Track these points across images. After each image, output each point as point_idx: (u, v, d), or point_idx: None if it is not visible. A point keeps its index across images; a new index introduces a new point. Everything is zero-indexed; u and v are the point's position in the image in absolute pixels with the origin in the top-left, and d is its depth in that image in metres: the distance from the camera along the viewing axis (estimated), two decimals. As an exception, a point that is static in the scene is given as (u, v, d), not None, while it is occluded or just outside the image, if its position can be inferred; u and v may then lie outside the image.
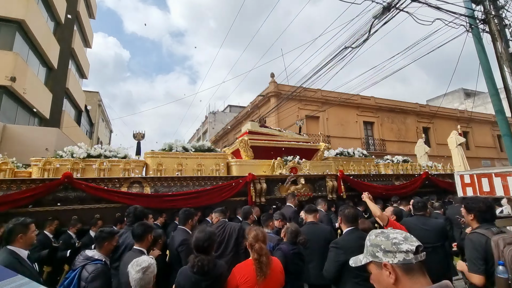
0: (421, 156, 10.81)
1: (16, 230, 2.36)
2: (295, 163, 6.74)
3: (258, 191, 5.97)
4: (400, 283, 1.00)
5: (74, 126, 15.29)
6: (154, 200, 5.15)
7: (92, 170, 5.23)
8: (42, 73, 12.38)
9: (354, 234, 2.59)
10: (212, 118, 29.88)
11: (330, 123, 17.12)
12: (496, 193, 2.62)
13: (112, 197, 4.92)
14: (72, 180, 4.69)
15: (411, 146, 19.20)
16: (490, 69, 8.02)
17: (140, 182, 5.34)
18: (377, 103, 18.99)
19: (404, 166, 8.82)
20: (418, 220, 3.37)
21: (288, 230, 2.98)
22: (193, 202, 5.22)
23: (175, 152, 6.05)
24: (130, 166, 5.50)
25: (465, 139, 9.99)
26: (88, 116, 21.34)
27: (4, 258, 2.18)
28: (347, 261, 2.15)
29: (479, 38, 8.33)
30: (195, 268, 2.13)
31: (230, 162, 6.59)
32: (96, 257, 2.47)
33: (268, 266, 2.18)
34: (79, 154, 5.25)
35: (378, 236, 1.11)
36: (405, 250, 1.01)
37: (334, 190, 6.79)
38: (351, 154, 8.32)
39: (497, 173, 2.67)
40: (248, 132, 7.42)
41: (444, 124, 21.03)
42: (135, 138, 8.56)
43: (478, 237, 2.08)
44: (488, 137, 22.87)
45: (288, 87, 15.79)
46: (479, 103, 26.25)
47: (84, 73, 19.13)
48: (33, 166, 4.94)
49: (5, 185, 4.43)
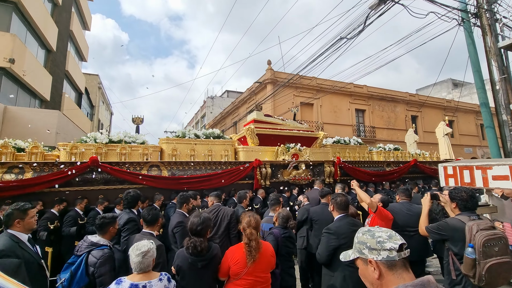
0: (411, 144, 11.45)
1: (14, 215, 2.36)
2: (297, 150, 7.28)
3: (263, 175, 6.54)
4: (383, 278, 1.07)
5: (75, 109, 15.13)
6: (172, 182, 5.58)
7: (114, 154, 5.60)
8: (41, 55, 12.06)
9: (345, 221, 2.74)
10: (210, 103, 29.76)
11: (324, 110, 17.53)
12: (476, 185, 3.04)
13: (134, 179, 5.31)
14: (98, 163, 5.04)
15: (400, 133, 20.01)
16: (478, 62, 8.52)
17: (158, 165, 5.74)
18: (369, 92, 19.45)
19: (395, 154, 9.50)
20: (403, 205, 3.76)
21: (279, 215, 3.14)
22: (205, 185, 5.76)
23: (188, 138, 6.46)
24: (148, 151, 5.88)
25: (451, 129, 10.65)
26: (89, 98, 20.99)
27: (5, 242, 2.22)
28: (339, 246, 2.55)
29: (470, 32, 8.76)
30: (189, 249, 2.26)
31: (238, 148, 7.07)
32: (101, 242, 2.52)
33: (257, 250, 2.31)
34: (102, 140, 5.57)
35: (364, 234, 1.18)
36: (388, 248, 1.08)
37: (331, 175, 7.44)
38: (347, 142, 8.91)
39: (478, 166, 3.11)
40: (254, 120, 7.84)
41: (431, 112, 21.82)
42: (134, 123, 8.79)
43: (453, 220, 2.39)
44: (472, 126, 23.91)
45: (284, 74, 15.96)
46: (465, 93, 27.15)
47: (83, 55, 18.70)
48: (61, 150, 5.25)
49: (38, 167, 4.80)
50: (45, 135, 8.91)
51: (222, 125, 24.71)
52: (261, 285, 2.33)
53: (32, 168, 4.76)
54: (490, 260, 2.07)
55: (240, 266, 2.31)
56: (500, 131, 7.35)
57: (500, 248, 2.13)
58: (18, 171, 4.67)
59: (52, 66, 12.85)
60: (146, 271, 2.01)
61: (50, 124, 9.56)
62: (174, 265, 2.33)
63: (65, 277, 2.32)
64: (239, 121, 20.65)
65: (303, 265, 4.18)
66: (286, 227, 3.09)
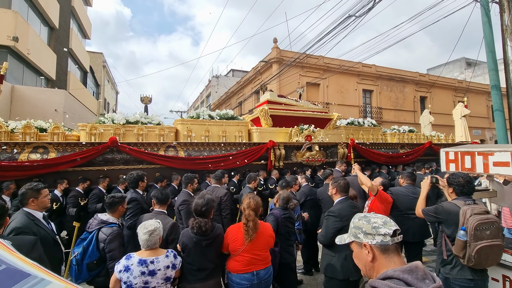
0: (425, 125, 11.26)
1: (28, 194, 2.47)
2: (310, 131, 7.29)
3: (277, 156, 6.61)
4: (376, 260, 1.13)
5: (81, 89, 15.18)
6: (188, 162, 5.74)
7: (131, 135, 5.75)
8: (44, 33, 11.96)
9: (346, 203, 2.82)
10: (215, 82, 29.42)
11: (330, 91, 17.24)
12: (477, 170, 3.05)
13: (152, 159, 5.49)
14: (117, 144, 5.21)
15: (407, 114, 19.69)
16: (493, 43, 8.16)
17: (175, 146, 5.87)
18: (378, 71, 18.93)
19: (410, 136, 9.37)
20: (407, 189, 3.89)
21: (280, 196, 3.24)
22: (220, 165, 5.85)
23: (202, 119, 6.51)
24: (164, 132, 6.01)
25: (470, 111, 10.39)
26: (94, 77, 20.94)
27: (21, 219, 2.34)
28: (342, 228, 2.63)
29: (487, 9, 8.32)
30: (194, 229, 2.37)
31: (251, 130, 7.12)
32: (110, 220, 2.65)
33: (254, 231, 2.42)
34: (119, 121, 5.71)
35: (361, 220, 1.24)
36: (383, 233, 1.13)
37: (345, 157, 7.46)
38: (361, 123, 8.83)
39: (479, 152, 3.10)
40: (268, 101, 7.82)
41: (441, 93, 21.26)
42: (142, 102, 8.83)
43: (449, 205, 2.48)
44: (482, 107, 23.31)
45: (290, 53, 15.56)
46: (479, 72, 26.17)
47: (86, 33, 18.49)
48: (80, 131, 5.46)
49: (61, 147, 5.02)
50: (53, 115, 9.06)
51: (227, 105, 24.60)
52: (259, 262, 2.47)
53: (56, 148, 4.96)
54: (480, 242, 2.15)
55: (237, 244, 2.45)
56: (510, 114, 7.20)
57: (492, 232, 2.20)
58: (43, 151, 4.87)
59: (56, 44, 12.77)
60: (153, 248, 2.15)
61: (57, 103, 9.68)
62: (179, 242, 2.46)
63: (78, 251, 2.50)
64: (244, 101, 20.51)
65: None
66: (286, 208, 3.19)
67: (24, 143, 4.78)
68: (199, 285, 2.36)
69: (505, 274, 2.57)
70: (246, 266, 2.43)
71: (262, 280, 2.46)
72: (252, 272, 2.43)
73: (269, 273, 2.54)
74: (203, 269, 2.40)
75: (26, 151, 4.75)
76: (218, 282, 2.56)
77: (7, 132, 4.79)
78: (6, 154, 4.63)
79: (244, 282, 2.41)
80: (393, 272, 1.00)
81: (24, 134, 4.90)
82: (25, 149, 4.76)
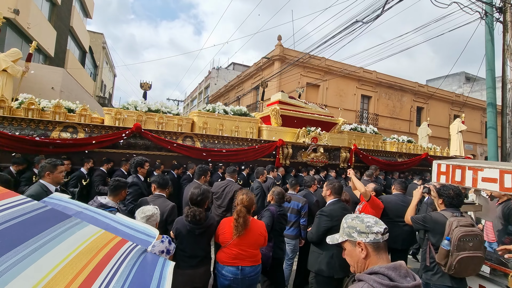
0: (423, 137, 11.61)
1: (46, 168, 2.69)
2: (317, 134, 7.60)
3: (285, 154, 6.95)
4: (369, 257, 1.23)
5: (79, 69, 14.93)
6: (204, 153, 5.99)
7: (152, 122, 5.97)
8: (45, 8, 11.69)
9: (338, 205, 2.93)
10: (215, 74, 29.19)
11: (329, 93, 17.32)
12: (466, 184, 3.16)
13: (172, 147, 5.72)
14: (141, 130, 5.47)
15: (402, 123, 19.93)
16: (493, 61, 8.31)
17: (192, 137, 6.16)
18: (378, 78, 19.07)
19: (408, 146, 9.76)
20: (398, 197, 4.00)
21: (274, 193, 3.27)
22: (233, 159, 6.22)
23: (218, 113, 6.78)
24: (182, 122, 6.24)
25: (466, 127, 10.73)
26: (92, 58, 20.53)
27: (35, 188, 2.56)
28: (331, 227, 2.73)
29: (491, 27, 8.45)
30: (189, 217, 2.42)
31: (262, 127, 7.40)
32: (110, 204, 2.67)
33: (243, 227, 2.44)
34: (142, 108, 5.91)
35: (354, 220, 1.33)
36: (375, 232, 1.24)
37: (346, 160, 7.85)
38: (363, 130, 9.19)
39: (470, 167, 3.20)
40: (279, 101, 8.08)
41: (438, 105, 21.56)
42: (142, 88, 8.76)
43: (437, 215, 2.58)
44: (476, 123, 23.72)
45: (294, 52, 15.56)
46: (477, 88, 26.56)
47: (89, 12, 18.08)
48: (106, 115, 5.74)
49: (89, 129, 5.33)
50: (50, 92, 8.93)
51: (226, 98, 24.49)
52: (245, 258, 2.50)
53: (84, 129, 5.27)
54: (462, 253, 2.24)
55: (225, 237, 2.52)
56: (502, 132, 7.38)
57: (474, 244, 2.30)
58: (72, 130, 5.20)
59: (57, 21, 12.50)
60: None
61: (54, 81, 9.54)
62: (173, 229, 2.52)
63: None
64: (242, 96, 20.46)
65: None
66: (281, 204, 3.25)
67: (56, 122, 5.11)
68: (190, 271, 2.43)
69: (481, 284, 2.69)
70: (232, 259, 2.48)
71: (246, 277, 2.48)
72: (237, 267, 2.47)
73: (255, 272, 2.56)
74: (195, 256, 2.46)
75: (57, 129, 5.09)
76: (208, 270, 2.62)
77: (38, 109, 5.08)
78: (39, 131, 4.94)
79: (228, 274, 2.47)
80: (379, 268, 1.09)
81: (54, 113, 5.20)
82: (57, 128, 5.09)
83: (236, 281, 2.46)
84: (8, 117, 4.80)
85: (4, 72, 5.24)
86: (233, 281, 2.45)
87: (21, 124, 4.88)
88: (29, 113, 5.00)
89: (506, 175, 2.72)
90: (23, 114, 4.97)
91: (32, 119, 4.96)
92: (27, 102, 5.02)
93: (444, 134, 21.07)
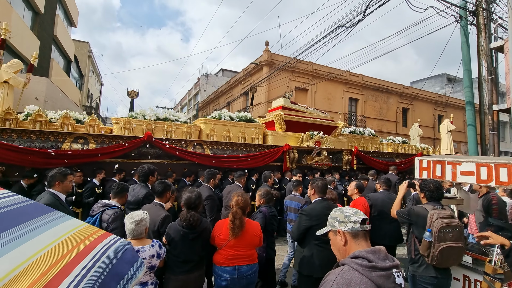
0: (414, 138, 12.06)
1: (56, 177, 2.75)
2: (319, 137, 7.83)
3: (291, 159, 7.09)
4: (347, 244, 1.35)
5: (64, 78, 14.69)
6: (214, 160, 6.02)
7: (161, 131, 5.94)
8: (28, 17, 11.51)
9: (322, 204, 2.86)
10: (204, 80, 29.25)
11: (318, 97, 17.61)
12: (446, 178, 3.30)
13: (183, 155, 5.73)
14: (152, 139, 5.44)
15: (389, 124, 20.41)
16: (469, 61, 8.70)
17: (201, 144, 6.20)
18: (364, 81, 19.54)
19: (403, 146, 10.19)
20: (384, 194, 4.12)
21: (262, 195, 3.30)
22: (242, 164, 6.28)
23: (224, 120, 6.86)
24: (190, 130, 6.25)
25: (455, 126, 11.17)
26: (78, 67, 20.25)
27: (48, 198, 2.64)
28: (311, 226, 2.74)
29: (466, 30, 8.86)
30: (186, 221, 2.42)
31: (267, 133, 7.56)
32: (113, 204, 2.83)
33: (240, 229, 2.47)
34: (150, 117, 5.90)
35: (336, 211, 1.47)
36: (353, 221, 1.35)
37: (348, 163, 8.08)
38: (361, 132, 9.53)
39: (449, 161, 3.35)
40: (282, 107, 8.30)
41: (422, 106, 22.20)
42: (129, 96, 8.70)
43: (419, 208, 2.71)
44: (459, 122, 24.41)
45: (281, 57, 15.80)
46: (458, 89, 27.49)
47: (73, 20, 17.93)
48: (114, 124, 5.75)
49: (100, 139, 5.28)
50: (33, 103, 8.75)
51: (215, 104, 24.54)
52: (242, 258, 2.54)
53: (95, 140, 5.24)
54: (443, 243, 2.35)
55: (221, 239, 2.54)
56: (481, 130, 7.70)
57: (454, 235, 2.41)
58: (83, 141, 5.17)
59: (40, 30, 12.32)
60: (139, 238, 2.22)
61: (38, 91, 9.38)
62: (165, 235, 2.51)
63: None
64: (232, 101, 20.55)
65: None
66: (271, 206, 3.29)
67: (67, 133, 5.04)
68: (183, 276, 2.43)
69: (465, 274, 2.80)
70: (228, 260, 2.51)
71: (243, 276, 2.51)
72: (234, 267, 2.50)
73: (252, 270, 2.58)
74: (189, 261, 2.47)
75: (68, 140, 5.03)
76: (202, 275, 2.63)
77: (46, 121, 5.01)
78: (50, 143, 4.85)
79: (225, 274, 2.49)
80: (359, 252, 1.21)
81: (62, 124, 5.13)
82: (67, 139, 5.03)
83: (233, 281, 2.48)
84: (18, 130, 4.67)
85: (5, 83, 5.16)
86: (230, 281, 2.48)
87: (31, 137, 4.77)
88: (37, 125, 4.91)
89: (481, 167, 2.87)
90: (31, 126, 4.86)
91: (42, 131, 4.86)
92: (34, 114, 4.94)
93: (429, 133, 21.69)
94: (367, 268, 1.13)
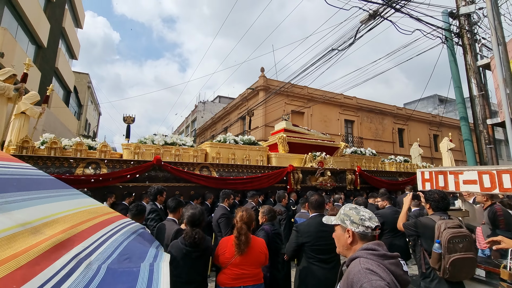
0: (416, 157, 12.21)
1: None
2: (322, 158, 7.91)
3: (295, 179, 7.14)
4: (354, 243, 1.40)
5: (62, 107, 14.87)
6: (220, 182, 6.13)
7: (169, 155, 6.12)
8: (31, 50, 11.88)
9: (316, 220, 2.74)
10: (201, 107, 29.88)
11: (314, 119, 17.85)
12: (449, 188, 3.24)
13: (191, 178, 5.87)
14: (161, 163, 5.61)
15: (386, 145, 20.52)
16: (459, 79, 8.97)
17: (208, 167, 6.33)
18: (359, 103, 19.96)
19: (405, 165, 10.26)
20: (391, 210, 4.19)
21: (264, 212, 3.21)
22: (248, 186, 6.36)
23: (229, 143, 7.02)
24: (197, 153, 6.41)
25: (454, 144, 11.30)
26: (77, 97, 20.68)
27: None
28: (303, 243, 2.68)
29: (453, 50, 9.24)
30: (191, 239, 2.30)
31: (270, 155, 7.65)
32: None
33: (246, 245, 2.36)
34: (159, 142, 6.12)
35: (351, 210, 1.46)
36: (367, 226, 1.37)
37: (352, 182, 8.10)
38: (363, 152, 9.63)
39: (451, 171, 3.31)
40: (284, 129, 8.46)
41: (417, 126, 22.52)
42: (125, 122, 8.73)
43: (425, 219, 2.61)
44: (455, 141, 24.60)
45: (276, 82, 16.25)
46: (450, 109, 28.17)
47: (74, 53, 18.56)
48: (124, 150, 5.95)
49: (111, 164, 5.51)
50: (32, 132, 8.75)
51: (213, 130, 24.72)
52: (248, 277, 2.38)
53: (106, 165, 5.43)
54: (454, 255, 2.22)
55: (226, 257, 2.40)
56: (478, 145, 7.72)
57: (465, 245, 2.28)
58: (95, 166, 5.36)
59: (42, 63, 12.67)
60: None
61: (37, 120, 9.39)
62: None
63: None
64: (230, 126, 20.74)
65: None
66: (274, 223, 3.18)
67: (80, 159, 5.25)
68: (186, 298, 2.26)
69: (480, 290, 2.62)
70: (233, 280, 2.34)
71: None
72: (239, 287, 2.35)
73: None
74: (192, 281, 2.33)
75: (81, 166, 5.24)
76: None
77: (60, 148, 5.30)
78: (64, 168, 5.08)
79: None
80: (366, 245, 1.33)
81: (76, 150, 5.40)
82: (80, 164, 5.25)
83: None
84: (34, 156, 4.91)
85: (23, 114, 5.44)
86: None
87: (46, 163, 5.00)
88: (51, 151, 5.18)
89: (484, 175, 2.82)
90: (46, 153, 5.11)
91: (57, 157, 5.10)
92: (50, 142, 5.24)
93: (427, 153, 21.76)
94: (379, 257, 1.23)
